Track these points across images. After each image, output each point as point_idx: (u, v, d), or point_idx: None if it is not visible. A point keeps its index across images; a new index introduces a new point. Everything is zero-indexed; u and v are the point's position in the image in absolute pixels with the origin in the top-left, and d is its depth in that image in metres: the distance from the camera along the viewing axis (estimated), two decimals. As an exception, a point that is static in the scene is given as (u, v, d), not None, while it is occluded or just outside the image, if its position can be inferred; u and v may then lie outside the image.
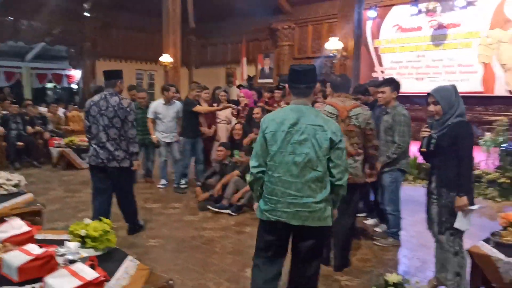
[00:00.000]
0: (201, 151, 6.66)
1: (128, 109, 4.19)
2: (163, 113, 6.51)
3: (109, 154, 4.16)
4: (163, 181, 6.83)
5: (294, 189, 2.50)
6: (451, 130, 2.99)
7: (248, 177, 2.71)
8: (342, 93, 3.78)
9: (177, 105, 6.65)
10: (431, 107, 3.08)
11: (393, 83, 4.35)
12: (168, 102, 6.56)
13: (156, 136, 6.54)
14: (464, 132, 2.98)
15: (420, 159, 6.23)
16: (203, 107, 6.55)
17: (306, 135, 2.50)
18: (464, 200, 2.91)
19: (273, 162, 2.54)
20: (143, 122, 6.67)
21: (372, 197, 5.08)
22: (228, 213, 5.31)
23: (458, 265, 3.03)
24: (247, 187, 5.37)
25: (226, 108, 6.83)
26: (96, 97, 4.31)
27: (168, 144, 6.60)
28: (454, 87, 3.12)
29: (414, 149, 4.58)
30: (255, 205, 2.76)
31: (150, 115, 6.56)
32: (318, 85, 4.23)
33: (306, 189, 2.49)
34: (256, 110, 6.33)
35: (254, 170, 2.61)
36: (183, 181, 6.63)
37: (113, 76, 4.32)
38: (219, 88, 7.67)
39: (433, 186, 3.14)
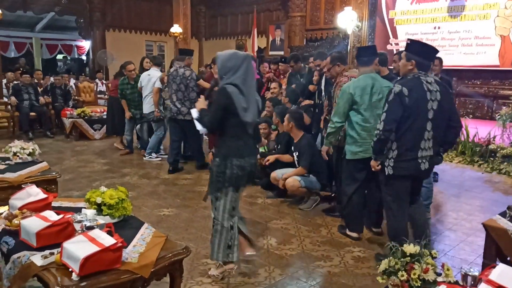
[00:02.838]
0: None
1: (189, 78, 5.77)
2: None
3: (177, 109, 5.78)
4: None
5: None
6: None
7: (329, 129, 3.64)
8: (346, 66, 4.20)
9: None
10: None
11: None
12: None
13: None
14: (215, 97, 2.85)
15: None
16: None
17: (381, 94, 3.44)
18: (200, 104, 2.96)
19: (363, 116, 3.50)
20: (133, 97, 6.81)
21: None
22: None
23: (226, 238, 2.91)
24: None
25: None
26: (172, 68, 6.02)
27: None
28: (240, 54, 2.86)
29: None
30: (327, 149, 3.97)
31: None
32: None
33: None
34: (274, 85, 6.24)
35: (338, 124, 3.59)
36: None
37: (184, 53, 6.06)
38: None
39: None
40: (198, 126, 2.96)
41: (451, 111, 3.09)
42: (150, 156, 6.63)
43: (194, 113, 2.96)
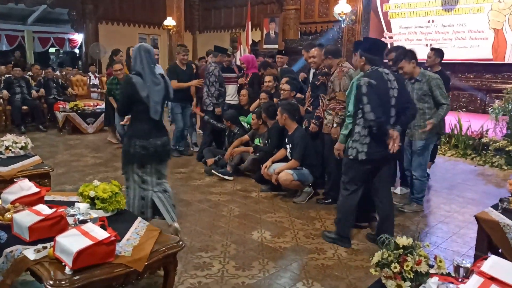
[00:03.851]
0: (189, 116, 6.67)
1: (211, 73, 6.16)
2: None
3: (203, 101, 6.34)
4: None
5: None
6: None
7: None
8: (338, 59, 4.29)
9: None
10: None
11: (407, 54, 4.24)
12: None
13: None
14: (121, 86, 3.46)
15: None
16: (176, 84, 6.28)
17: None
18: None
19: None
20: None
21: None
22: (228, 180, 5.29)
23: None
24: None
25: (198, 84, 6.56)
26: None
27: None
28: (136, 45, 3.32)
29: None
30: (343, 146, 3.59)
31: None
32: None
33: None
34: (268, 78, 6.21)
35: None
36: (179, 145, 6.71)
37: (216, 50, 6.46)
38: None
39: None
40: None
41: (407, 96, 3.44)
42: None
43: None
